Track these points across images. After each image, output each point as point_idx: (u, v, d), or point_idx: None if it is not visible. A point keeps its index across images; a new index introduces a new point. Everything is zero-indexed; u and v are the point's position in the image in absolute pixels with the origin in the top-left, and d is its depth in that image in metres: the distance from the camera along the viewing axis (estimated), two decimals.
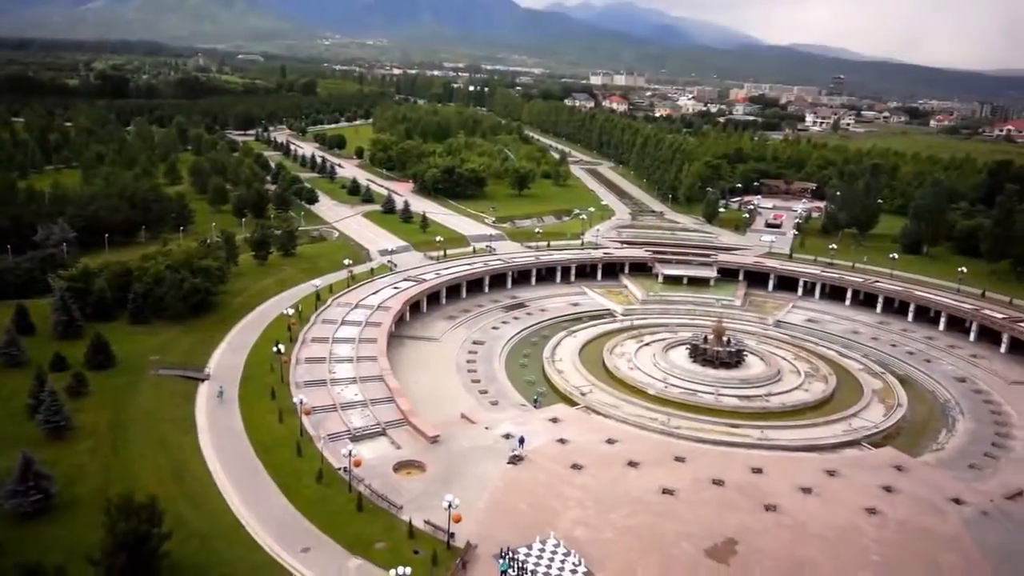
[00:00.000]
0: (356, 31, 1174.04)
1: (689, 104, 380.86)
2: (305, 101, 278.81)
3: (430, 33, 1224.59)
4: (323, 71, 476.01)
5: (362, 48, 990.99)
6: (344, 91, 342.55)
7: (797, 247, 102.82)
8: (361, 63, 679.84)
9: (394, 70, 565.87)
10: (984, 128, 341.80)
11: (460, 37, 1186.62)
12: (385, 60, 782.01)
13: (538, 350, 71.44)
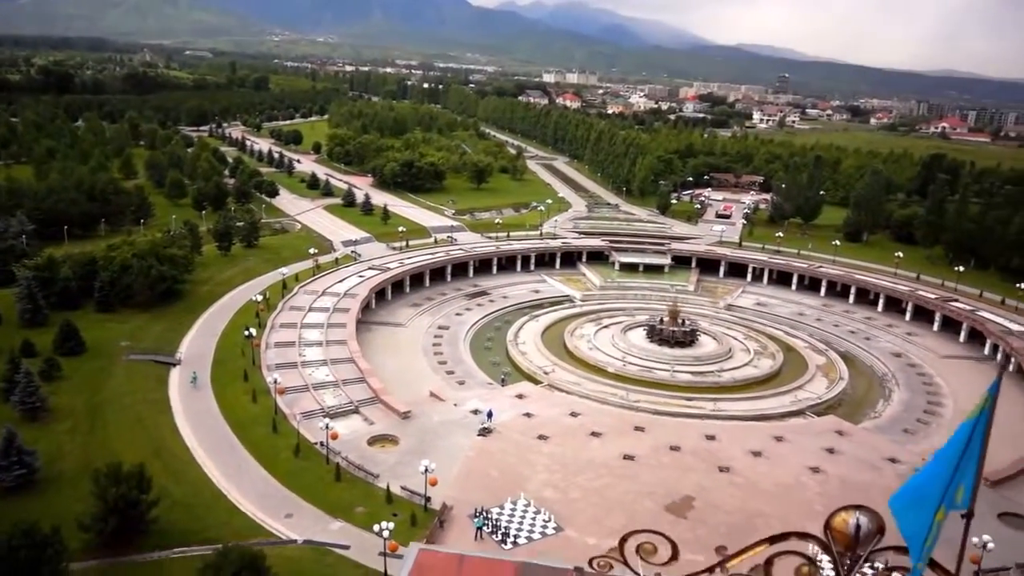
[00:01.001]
0: (305, 28, 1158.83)
1: (641, 102, 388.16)
2: (258, 97, 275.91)
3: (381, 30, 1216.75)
4: (274, 67, 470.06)
5: (312, 45, 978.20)
6: (297, 87, 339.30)
7: (746, 236, 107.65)
8: (312, 60, 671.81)
9: (346, 67, 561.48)
10: (921, 125, 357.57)
11: (412, 35, 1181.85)
12: (336, 57, 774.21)
13: (501, 334, 74.03)
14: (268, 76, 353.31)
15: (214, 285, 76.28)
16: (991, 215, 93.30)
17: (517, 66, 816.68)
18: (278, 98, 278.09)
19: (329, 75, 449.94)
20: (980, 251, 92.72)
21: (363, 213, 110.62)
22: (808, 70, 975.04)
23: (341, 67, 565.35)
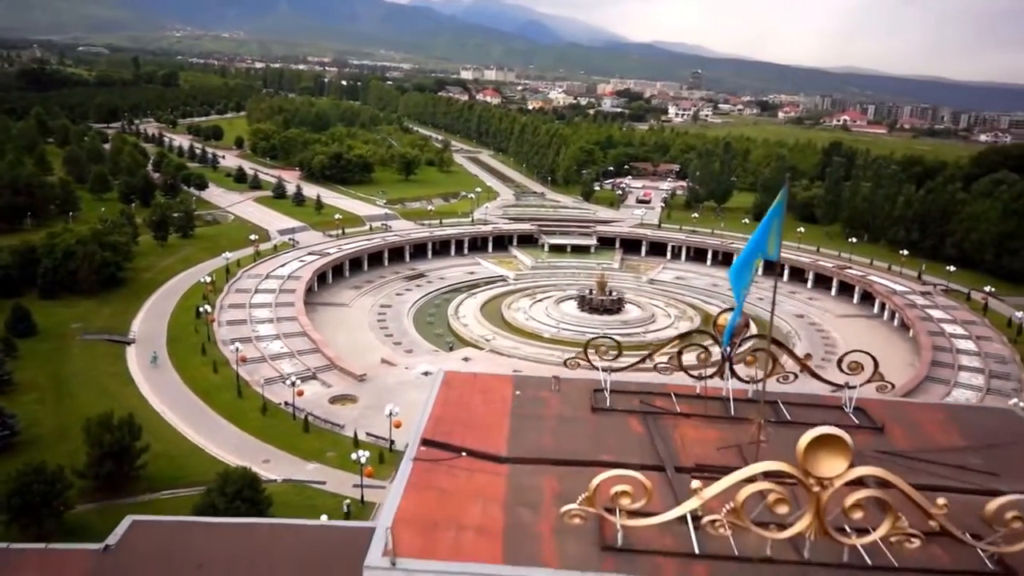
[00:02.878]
0: (208, 23, 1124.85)
1: (560, 97, 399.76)
2: (169, 94, 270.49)
3: (290, 26, 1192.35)
4: (178, 64, 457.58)
5: (217, 41, 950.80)
6: (207, 84, 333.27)
7: (665, 219, 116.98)
8: (218, 57, 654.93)
9: (256, 64, 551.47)
10: (825, 119, 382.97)
11: (322, 31, 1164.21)
12: (244, 54, 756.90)
13: (442, 310, 79.72)
14: (177, 72, 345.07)
15: (155, 272, 78.85)
16: (880, 193, 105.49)
17: (433, 63, 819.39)
18: (190, 95, 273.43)
19: (240, 72, 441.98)
20: (871, 226, 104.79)
21: (295, 204, 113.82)
22: (719, 66, 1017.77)
23: (250, 64, 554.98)
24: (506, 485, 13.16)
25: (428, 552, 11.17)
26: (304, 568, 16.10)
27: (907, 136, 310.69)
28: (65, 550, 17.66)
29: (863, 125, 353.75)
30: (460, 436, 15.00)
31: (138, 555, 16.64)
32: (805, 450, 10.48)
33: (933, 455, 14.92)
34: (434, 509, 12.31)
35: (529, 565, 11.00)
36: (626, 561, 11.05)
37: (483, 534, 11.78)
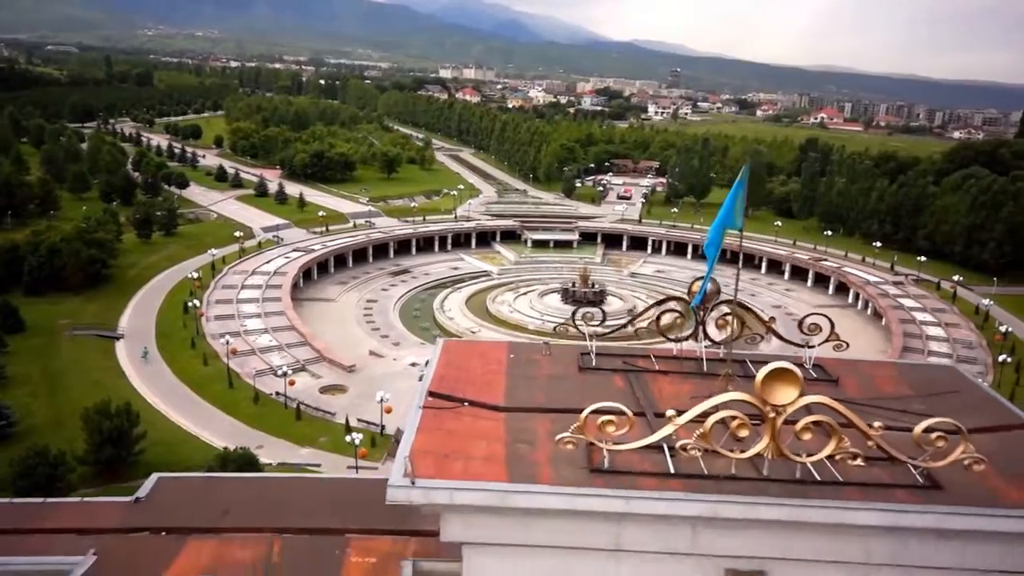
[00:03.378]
0: (181, 22, 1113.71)
1: (540, 96, 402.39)
2: (144, 93, 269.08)
3: (266, 25, 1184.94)
4: (151, 63, 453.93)
5: (191, 40, 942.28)
6: (183, 83, 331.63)
7: (645, 214, 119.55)
8: (192, 55, 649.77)
9: (231, 63, 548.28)
10: (802, 116, 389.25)
11: (299, 30, 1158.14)
12: (219, 53, 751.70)
13: (427, 305, 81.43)
14: (151, 71, 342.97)
15: (141, 269, 79.80)
16: (854, 188, 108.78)
17: (412, 62, 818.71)
18: (166, 94, 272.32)
19: (216, 71, 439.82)
20: (846, 219, 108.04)
21: (278, 202, 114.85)
22: (698, 65, 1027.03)
23: (226, 63, 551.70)
24: (505, 427, 15.05)
25: (442, 474, 13.06)
26: (324, 509, 17.89)
27: (883, 133, 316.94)
28: (98, 502, 19.22)
29: (840, 123, 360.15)
30: (462, 390, 16.87)
31: (167, 504, 18.29)
32: (762, 382, 12.53)
33: (880, 401, 17.03)
34: (444, 445, 14.17)
35: (530, 482, 12.94)
36: (611, 480, 12.96)
37: (488, 462, 13.66)
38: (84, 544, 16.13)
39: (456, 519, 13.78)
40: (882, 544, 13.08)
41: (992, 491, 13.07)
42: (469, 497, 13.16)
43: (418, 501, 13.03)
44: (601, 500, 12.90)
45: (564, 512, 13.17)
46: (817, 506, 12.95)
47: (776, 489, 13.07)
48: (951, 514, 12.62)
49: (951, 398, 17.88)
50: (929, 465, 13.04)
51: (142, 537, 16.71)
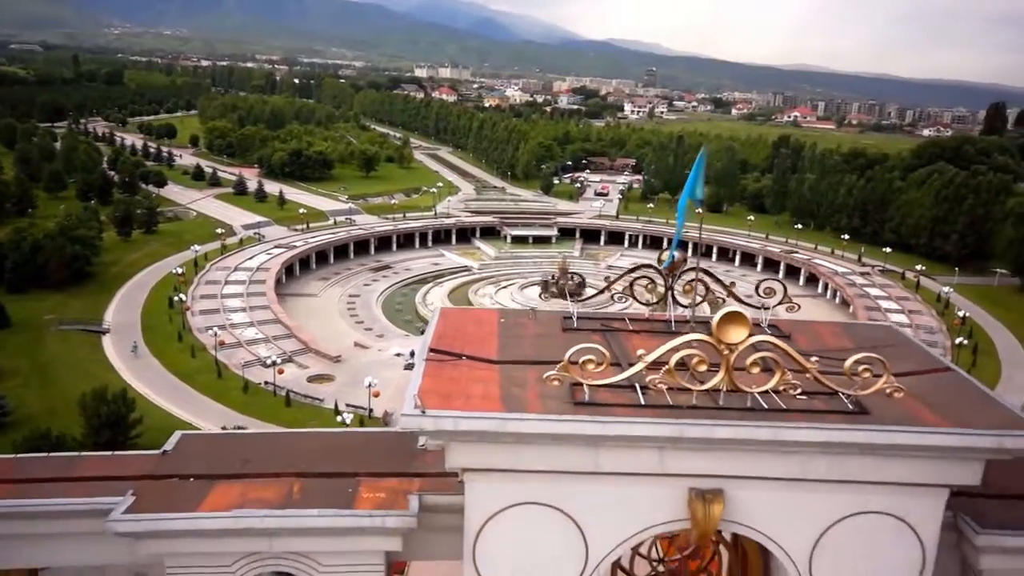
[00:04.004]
0: (148, 20, 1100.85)
1: (516, 95, 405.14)
2: (114, 92, 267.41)
3: (236, 24, 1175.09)
4: (119, 62, 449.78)
5: (159, 39, 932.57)
6: (154, 82, 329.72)
7: (622, 210, 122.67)
8: (161, 54, 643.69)
9: (202, 62, 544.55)
10: (776, 115, 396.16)
11: (270, 28, 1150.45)
12: (188, 52, 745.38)
13: (409, 299, 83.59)
14: (121, 71, 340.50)
15: (123, 266, 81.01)
16: (824, 183, 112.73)
17: (386, 61, 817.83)
18: (137, 93, 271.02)
19: (187, 70, 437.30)
20: (816, 214, 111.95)
21: (257, 200, 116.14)
22: (674, 64, 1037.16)
23: (196, 62, 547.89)
24: (499, 375, 17.54)
25: (447, 407, 15.56)
26: (336, 457, 20.21)
27: (855, 131, 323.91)
28: (127, 455, 21.43)
29: (813, 121, 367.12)
30: (459, 346, 19.32)
31: (192, 456, 20.53)
32: (717, 324, 15.26)
33: (824, 352, 19.72)
34: (446, 387, 16.63)
35: (522, 412, 15.53)
36: (591, 411, 15.56)
37: (485, 400, 16.14)
38: (120, 488, 18.36)
39: (459, 448, 16.39)
40: (818, 462, 15.85)
41: (912, 415, 15.88)
42: (471, 424, 15.75)
43: (428, 428, 15.62)
44: (581, 424, 15.56)
45: (550, 437, 15.81)
46: (765, 426, 15.71)
47: (730, 415, 15.74)
48: (875, 431, 15.42)
49: (887, 350, 20.66)
50: (857, 393, 15.81)
51: (172, 482, 18.97)
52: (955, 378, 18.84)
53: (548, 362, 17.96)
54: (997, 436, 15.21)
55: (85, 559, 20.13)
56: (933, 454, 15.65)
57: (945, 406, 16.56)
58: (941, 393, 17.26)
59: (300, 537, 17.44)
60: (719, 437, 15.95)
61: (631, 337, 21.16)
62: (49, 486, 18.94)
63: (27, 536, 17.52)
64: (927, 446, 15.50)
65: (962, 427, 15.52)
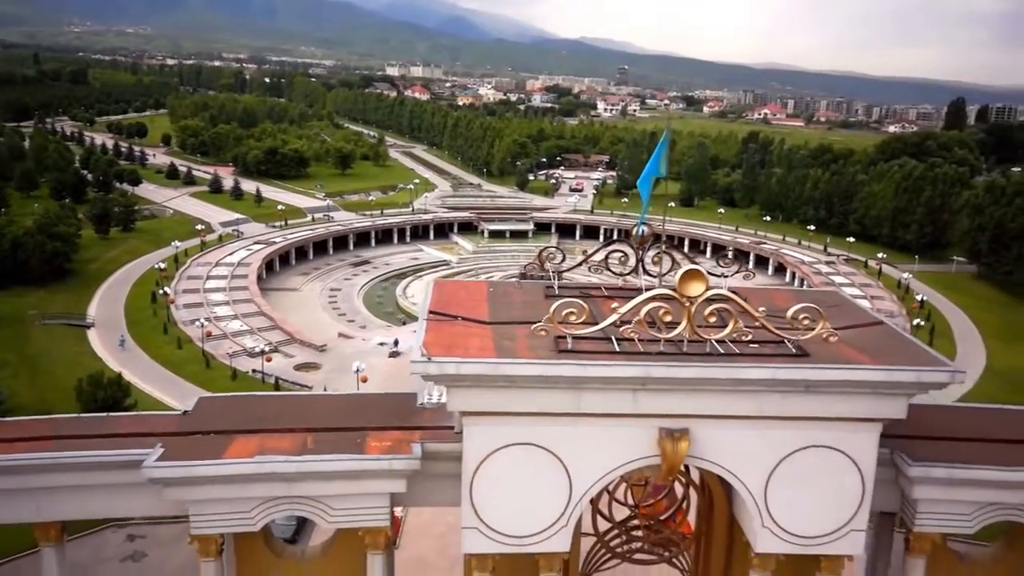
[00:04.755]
0: (110, 18, 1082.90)
1: (490, 94, 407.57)
2: (79, 91, 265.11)
3: (201, 21, 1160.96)
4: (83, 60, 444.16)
5: (122, 37, 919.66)
6: (120, 81, 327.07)
7: (597, 205, 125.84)
8: (124, 53, 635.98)
9: (168, 60, 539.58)
10: (747, 112, 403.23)
11: (237, 26, 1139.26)
12: (152, 50, 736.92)
13: (390, 292, 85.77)
14: (86, 69, 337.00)
15: (102, 263, 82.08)
16: (791, 177, 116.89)
17: (356, 60, 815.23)
18: (103, 92, 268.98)
19: (154, 68, 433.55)
20: (784, 206, 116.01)
21: (233, 198, 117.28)
22: (646, 63, 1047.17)
23: (162, 60, 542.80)
24: (491, 332, 20.14)
25: (449, 354, 18.10)
26: (344, 414, 22.56)
27: (823, 128, 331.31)
28: (151, 415, 23.53)
29: (783, 118, 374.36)
30: (454, 310, 21.87)
31: (211, 416, 22.77)
32: (679, 280, 18.05)
33: (773, 309, 22.51)
34: (447, 340, 19.22)
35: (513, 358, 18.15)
36: (574, 357, 18.21)
37: (481, 350, 18.78)
38: (147, 443, 20.56)
39: (458, 392, 19.07)
40: (769, 400, 18.74)
41: (846, 357, 18.77)
42: (470, 368, 18.45)
43: (433, 372, 18.27)
44: (565, 367, 18.33)
45: (538, 379, 18.55)
46: (721, 366, 18.56)
47: (692, 359, 18.43)
48: (815, 368, 18.37)
49: (832, 309, 23.53)
50: (799, 339, 18.70)
51: (196, 438, 21.29)
52: (886, 330, 22.21)
53: (534, 322, 20.79)
54: (917, 371, 18.44)
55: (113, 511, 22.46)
56: (865, 390, 18.81)
57: (876, 350, 19.79)
58: (873, 341, 20.53)
59: (315, 481, 20.14)
60: (683, 376, 19.03)
61: (606, 302, 24.09)
62: (83, 442, 21.29)
63: (61, 488, 19.88)
64: (859, 381, 18.68)
65: (888, 365, 18.75)
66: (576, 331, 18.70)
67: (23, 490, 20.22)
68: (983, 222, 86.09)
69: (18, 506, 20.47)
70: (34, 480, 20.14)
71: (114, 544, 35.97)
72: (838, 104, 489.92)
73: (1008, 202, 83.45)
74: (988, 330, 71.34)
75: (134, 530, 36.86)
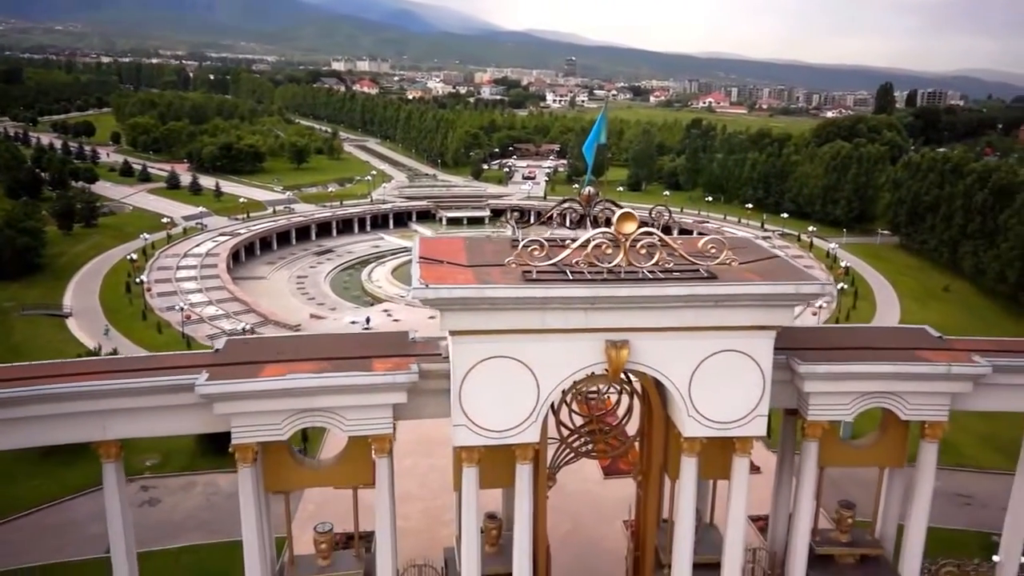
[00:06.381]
0: (36, 14, 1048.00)
1: (439, 87, 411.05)
2: (14, 90, 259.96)
3: (135, 17, 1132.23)
4: (14, 58, 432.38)
5: (49, 34, 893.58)
6: (56, 80, 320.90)
7: (549, 191, 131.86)
8: (54, 50, 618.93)
9: (103, 58, 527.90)
10: (692, 101, 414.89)
11: (172, 21, 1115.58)
12: (84, 47, 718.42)
13: (355, 278, 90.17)
14: (18, 68, 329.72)
15: (71, 257, 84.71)
16: (730, 160, 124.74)
17: (300, 55, 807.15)
18: (40, 91, 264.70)
19: (90, 67, 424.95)
20: (725, 188, 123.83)
21: (192, 193, 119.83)
22: (593, 54, 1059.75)
23: (97, 58, 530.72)
24: (472, 271, 25.62)
25: (441, 283, 23.56)
26: (352, 348, 27.77)
27: (765, 115, 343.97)
28: (187, 354, 28.32)
29: (727, 107, 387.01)
30: (439, 257, 27.29)
31: (239, 351, 27.74)
32: (616, 221, 23.86)
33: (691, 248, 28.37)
34: (437, 274, 24.66)
35: (492, 283, 23.72)
36: (538, 283, 23.83)
37: (466, 280, 24.25)
38: (193, 372, 25.44)
39: (449, 315, 24.51)
40: (688, 314, 24.70)
41: (745, 278, 24.75)
42: (460, 292, 24.03)
43: (430, 297, 23.65)
44: (533, 289, 23.94)
45: (512, 301, 24.21)
46: (651, 286, 24.37)
47: (628, 282, 24.16)
48: (720, 285, 24.33)
49: (740, 250, 29.54)
50: (708, 264, 24.66)
51: (231, 367, 26.23)
52: (780, 261, 28.63)
53: (505, 264, 26.40)
54: (795, 284, 24.84)
55: (165, 430, 27.64)
56: (758, 302, 25.06)
57: (768, 273, 26.14)
58: (768, 268, 26.84)
59: (333, 395, 25.70)
60: (622, 295, 25.16)
61: (562, 249, 29.65)
62: (137, 374, 26.28)
63: (122, 411, 24.88)
64: (753, 294, 24.97)
65: (774, 282, 25.09)
66: (538, 264, 24.45)
67: (92, 413, 25.02)
68: (902, 196, 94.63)
69: (88, 427, 25.26)
70: (101, 404, 24.95)
71: (130, 493, 40.23)
72: (780, 92, 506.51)
73: (923, 177, 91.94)
74: (904, 292, 79.54)
75: (146, 482, 41.27)
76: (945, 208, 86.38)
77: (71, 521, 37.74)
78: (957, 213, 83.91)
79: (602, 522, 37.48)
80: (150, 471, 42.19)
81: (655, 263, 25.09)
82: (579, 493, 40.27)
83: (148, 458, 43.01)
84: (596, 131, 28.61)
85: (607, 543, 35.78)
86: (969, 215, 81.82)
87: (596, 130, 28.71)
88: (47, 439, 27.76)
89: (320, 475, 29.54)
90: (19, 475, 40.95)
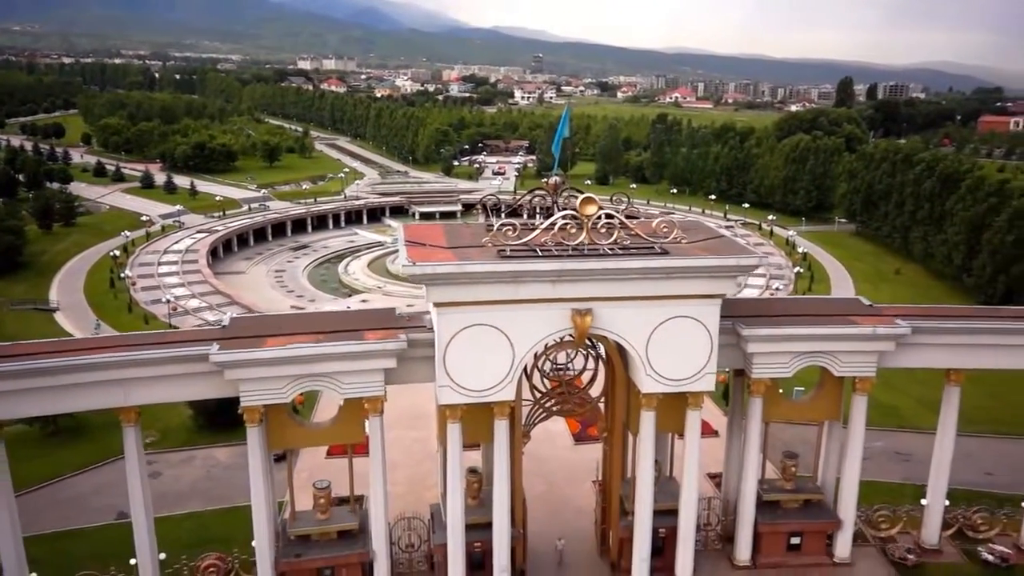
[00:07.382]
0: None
1: (407, 84, 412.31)
2: None
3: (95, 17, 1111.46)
4: None
5: (8, 35, 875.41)
6: (17, 81, 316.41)
7: (519, 186, 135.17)
8: (12, 51, 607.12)
9: (64, 59, 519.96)
10: (659, 96, 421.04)
11: (134, 21, 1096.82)
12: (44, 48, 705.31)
13: (332, 272, 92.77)
14: None
15: (52, 255, 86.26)
16: (695, 154, 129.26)
17: (266, 54, 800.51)
18: (6, 92, 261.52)
19: (52, 68, 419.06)
20: (690, 180, 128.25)
21: (167, 192, 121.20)
22: (560, 50, 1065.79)
23: (58, 59, 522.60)
24: (453, 251, 28.97)
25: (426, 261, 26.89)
26: (346, 322, 30.95)
27: (730, 109, 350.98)
28: (196, 329, 31.33)
29: (693, 101, 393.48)
30: (423, 239, 30.57)
31: (244, 327, 30.83)
32: (579, 204, 27.43)
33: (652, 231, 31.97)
34: (423, 254, 28.01)
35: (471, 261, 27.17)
36: (512, 260, 27.28)
37: (448, 259, 27.62)
38: (204, 344, 28.43)
39: (434, 289, 28.05)
40: (643, 285, 28.37)
41: (693, 254, 28.58)
42: (443, 268, 27.74)
43: (417, 273, 27.11)
44: (508, 264, 27.54)
45: (489, 275, 27.91)
46: (610, 261, 28.05)
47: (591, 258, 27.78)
48: (672, 259, 28.15)
49: (690, 230, 33.34)
50: (661, 242, 28.41)
51: (238, 340, 29.26)
52: (726, 240, 32.86)
53: (482, 244, 30.03)
54: (736, 258, 28.95)
55: (180, 396, 30.86)
56: (705, 274, 28.90)
57: (714, 250, 30.19)
58: (714, 245, 30.80)
59: (330, 361, 29.02)
60: (585, 268, 29.04)
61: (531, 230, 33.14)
62: (154, 347, 29.38)
63: (142, 380, 27.96)
64: (700, 267, 28.95)
65: (718, 256, 29.33)
66: (511, 243, 27.93)
67: (115, 381, 28.04)
68: (857, 186, 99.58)
69: (111, 394, 28.28)
70: (123, 373, 27.99)
71: None
72: (744, 86, 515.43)
73: (876, 167, 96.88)
74: (858, 275, 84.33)
75: (147, 457, 43.88)
76: (897, 196, 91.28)
77: (78, 495, 40.45)
78: (908, 201, 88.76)
79: (574, 483, 41.03)
80: (149, 448, 44.77)
81: (614, 241, 28.77)
82: (552, 458, 43.83)
83: (147, 435, 45.55)
84: (561, 126, 32.17)
85: (578, 501, 39.36)
86: (919, 202, 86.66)
87: (561, 126, 32.28)
88: (74, 406, 30.91)
89: (318, 435, 32.85)
90: (23, 456, 43.35)
